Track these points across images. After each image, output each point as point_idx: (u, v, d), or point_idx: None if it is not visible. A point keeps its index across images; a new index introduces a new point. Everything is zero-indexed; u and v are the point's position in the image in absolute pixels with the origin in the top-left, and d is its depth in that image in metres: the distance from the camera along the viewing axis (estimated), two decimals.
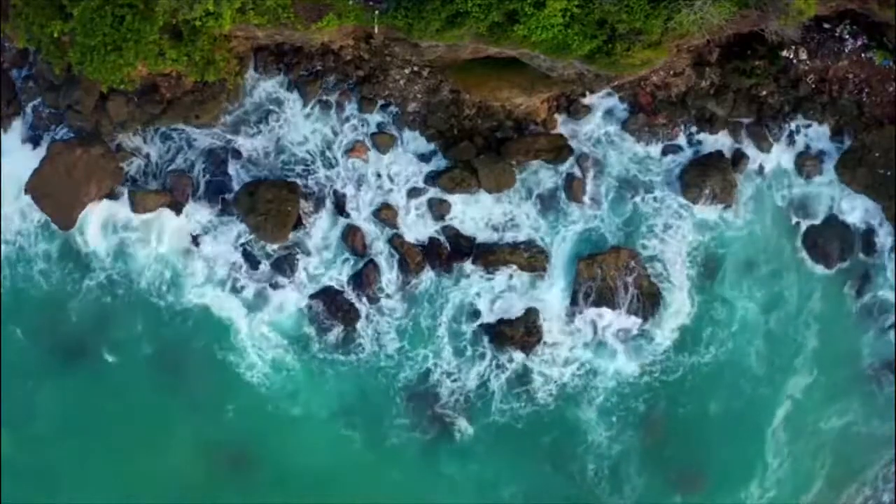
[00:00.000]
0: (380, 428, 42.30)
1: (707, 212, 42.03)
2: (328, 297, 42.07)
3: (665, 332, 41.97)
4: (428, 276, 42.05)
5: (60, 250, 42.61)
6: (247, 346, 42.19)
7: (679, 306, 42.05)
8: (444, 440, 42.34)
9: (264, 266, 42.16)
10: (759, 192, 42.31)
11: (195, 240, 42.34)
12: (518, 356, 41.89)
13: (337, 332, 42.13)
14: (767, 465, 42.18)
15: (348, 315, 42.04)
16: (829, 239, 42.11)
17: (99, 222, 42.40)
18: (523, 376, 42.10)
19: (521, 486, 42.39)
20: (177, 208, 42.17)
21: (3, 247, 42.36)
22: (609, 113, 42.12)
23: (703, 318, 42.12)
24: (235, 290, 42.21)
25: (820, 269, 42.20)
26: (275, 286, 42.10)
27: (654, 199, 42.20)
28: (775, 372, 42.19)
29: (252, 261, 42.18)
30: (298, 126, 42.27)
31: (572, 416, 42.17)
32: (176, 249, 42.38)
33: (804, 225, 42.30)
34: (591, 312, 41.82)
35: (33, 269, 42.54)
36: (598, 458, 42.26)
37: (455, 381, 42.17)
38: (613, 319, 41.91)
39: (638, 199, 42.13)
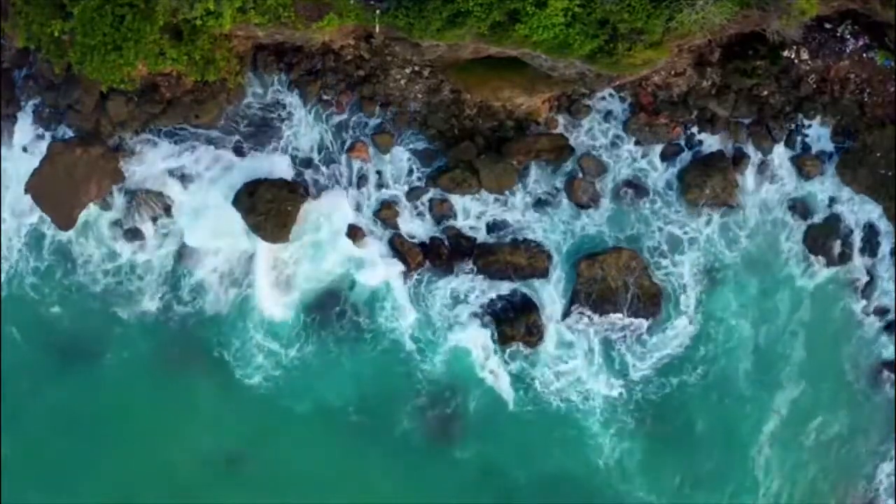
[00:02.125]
0: (383, 424, 42.38)
1: (707, 210, 41.96)
2: (328, 295, 42.07)
3: (666, 333, 41.96)
4: (429, 276, 41.98)
5: (60, 250, 42.61)
6: (248, 343, 42.24)
7: (679, 307, 42.04)
8: (446, 437, 42.45)
9: (265, 265, 42.12)
10: (759, 193, 42.22)
11: (194, 239, 42.42)
12: (518, 356, 41.85)
13: (337, 329, 42.12)
14: (767, 472, 42.34)
15: (349, 313, 42.03)
16: (830, 240, 42.07)
17: (97, 222, 42.47)
18: (523, 377, 42.05)
19: (521, 483, 42.42)
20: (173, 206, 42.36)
21: (2, 247, 42.32)
22: (610, 113, 42.07)
23: (701, 320, 42.10)
24: (236, 288, 42.25)
25: (819, 270, 42.12)
26: (276, 284, 42.12)
27: (655, 199, 42.15)
28: (768, 380, 42.22)
29: (253, 259, 42.21)
30: (298, 125, 42.21)
31: (570, 419, 42.15)
32: (174, 247, 42.43)
33: (804, 225, 42.21)
34: (592, 313, 41.78)
35: (33, 270, 42.53)
36: (596, 460, 42.28)
37: (456, 378, 42.17)
38: (613, 320, 41.92)
39: (639, 199, 42.07)
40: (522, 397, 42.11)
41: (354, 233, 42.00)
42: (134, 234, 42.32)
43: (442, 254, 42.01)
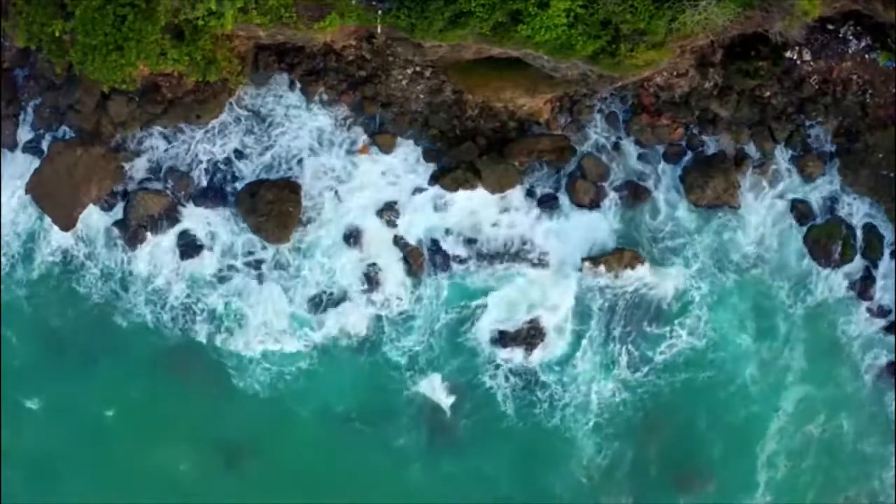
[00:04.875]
0: (382, 427, 42.31)
1: (709, 211, 41.90)
2: (330, 296, 41.96)
3: (667, 335, 41.92)
4: (430, 277, 41.93)
5: (60, 251, 42.54)
6: (248, 345, 42.15)
7: (681, 309, 41.96)
8: (445, 440, 42.36)
9: (266, 266, 42.07)
10: (761, 194, 42.16)
11: (194, 241, 42.31)
12: (520, 357, 41.81)
13: (338, 331, 42.05)
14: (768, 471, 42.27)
15: (350, 315, 41.93)
16: (831, 241, 41.97)
17: (98, 223, 42.44)
18: (524, 378, 41.99)
19: (521, 488, 42.31)
20: (173, 208, 42.28)
21: (3, 246, 42.26)
22: (612, 114, 42.00)
23: (702, 322, 41.97)
24: (238, 290, 42.17)
25: (820, 271, 42.04)
26: (277, 286, 42.04)
27: (657, 200, 42.10)
28: (771, 380, 42.10)
29: (253, 261, 42.14)
30: (300, 126, 42.15)
31: (572, 420, 42.01)
32: (173, 249, 42.38)
33: (806, 226, 42.09)
34: (594, 311, 41.79)
35: (33, 270, 42.48)
36: (598, 460, 42.19)
37: (457, 381, 42.14)
38: (615, 321, 41.92)
39: (640, 200, 41.99)
40: (522, 400, 42.00)
41: (356, 234, 41.95)
42: (134, 235, 42.23)
43: (444, 255, 41.95)
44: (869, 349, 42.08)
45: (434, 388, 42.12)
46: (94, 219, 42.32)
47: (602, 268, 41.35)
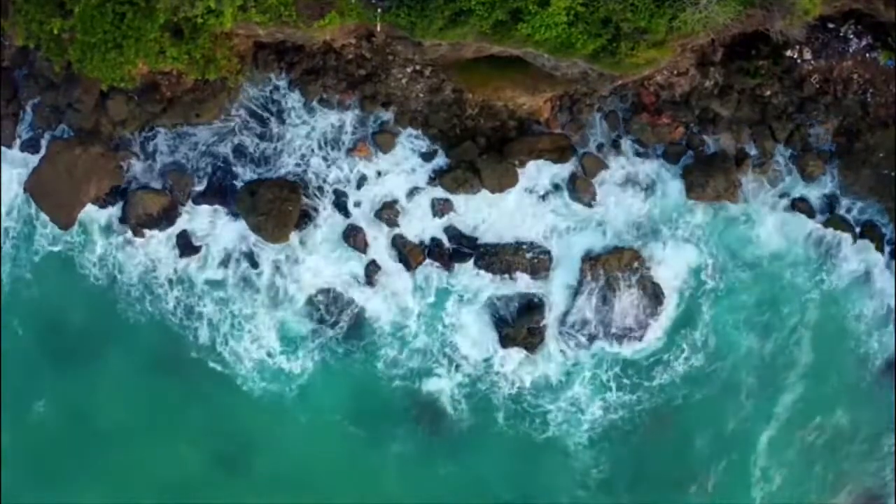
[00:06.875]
0: (378, 429, 42.31)
1: (709, 210, 41.84)
2: (329, 297, 41.92)
3: (668, 335, 41.95)
4: (430, 276, 41.86)
5: (59, 250, 42.54)
6: (246, 345, 42.11)
7: (681, 310, 41.97)
8: (443, 442, 42.29)
9: (265, 266, 42.01)
10: (761, 193, 42.10)
11: (193, 240, 42.27)
12: (520, 358, 41.76)
13: (338, 332, 42.03)
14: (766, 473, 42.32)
15: (350, 316, 41.90)
16: (831, 240, 41.96)
17: (97, 221, 42.41)
18: (523, 379, 41.94)
19: (518, 492, 42.29)
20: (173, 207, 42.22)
21: (3, 244, 42.25)
22: (612, 113, 41.93)
23: (702, 323, 41.99)
24: (236, 290, 42.10)
25: (821, 271, 42.04)
26: (276, 286, 41.97)
27: (657, 199, 42.04)
28: (771, 380, 42.13)
29: (252, 261, 42.07)
30: (299, 125, 42.11)
31: (569, 423, 42.00)
32: (173, 249, 42.32)
33: (806, 226, 42.00)
34: (594, 313, 41.71)
35: (33, 269, 42.46)
36: (596, 463, 42.19)
37: (456, 381, 42.10)
38: (615, 321, 41.83)
39: (641, 199, 41.95)
40: (521, 403, 41.98)
41: (355, 234, 41.89)
42: (133, 235, 42.19)
43: (443, 254, 41.92)
44: (869, 347, 42.02)
45: (433, 390, 42.09)
46: (94, 218, 42.28)
47: (602, 267, 41.36)
